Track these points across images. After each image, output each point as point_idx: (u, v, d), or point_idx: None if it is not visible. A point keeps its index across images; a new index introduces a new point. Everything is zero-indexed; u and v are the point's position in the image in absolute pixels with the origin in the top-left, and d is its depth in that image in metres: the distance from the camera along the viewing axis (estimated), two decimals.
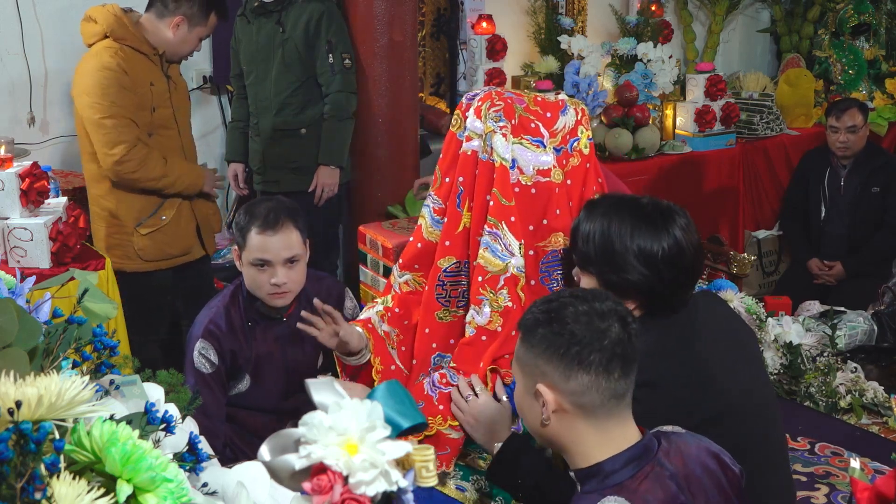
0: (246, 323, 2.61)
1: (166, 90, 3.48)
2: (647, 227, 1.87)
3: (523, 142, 2.00)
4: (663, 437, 1.58)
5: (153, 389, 1.22)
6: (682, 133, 5.21)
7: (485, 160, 2.00)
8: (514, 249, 1.96)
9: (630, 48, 5.18)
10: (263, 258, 2.50)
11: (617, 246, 1.86)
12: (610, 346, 1.49)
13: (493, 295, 1.96)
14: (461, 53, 5.05)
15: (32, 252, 3.06)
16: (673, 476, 1.51)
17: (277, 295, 2.54)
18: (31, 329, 1.14)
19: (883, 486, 1.38)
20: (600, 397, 1.49)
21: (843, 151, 4.64)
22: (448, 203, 2.07)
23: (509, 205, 1.97)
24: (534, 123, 2.02)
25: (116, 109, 3.29)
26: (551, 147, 2.02)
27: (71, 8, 4.02)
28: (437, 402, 1.99)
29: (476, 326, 1.98)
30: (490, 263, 1.96)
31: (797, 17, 6.16)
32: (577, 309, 1.51)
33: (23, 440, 0.87)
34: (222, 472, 1.16)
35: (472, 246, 2.03)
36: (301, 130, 3.99)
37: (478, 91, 2.09)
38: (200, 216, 3.63)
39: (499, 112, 1.99)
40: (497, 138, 1.97)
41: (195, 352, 2.54)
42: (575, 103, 2.10)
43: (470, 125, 2.03)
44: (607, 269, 1.86)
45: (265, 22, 3.97)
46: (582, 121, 2.08)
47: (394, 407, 1.08)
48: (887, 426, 2.91)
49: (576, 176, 2.05)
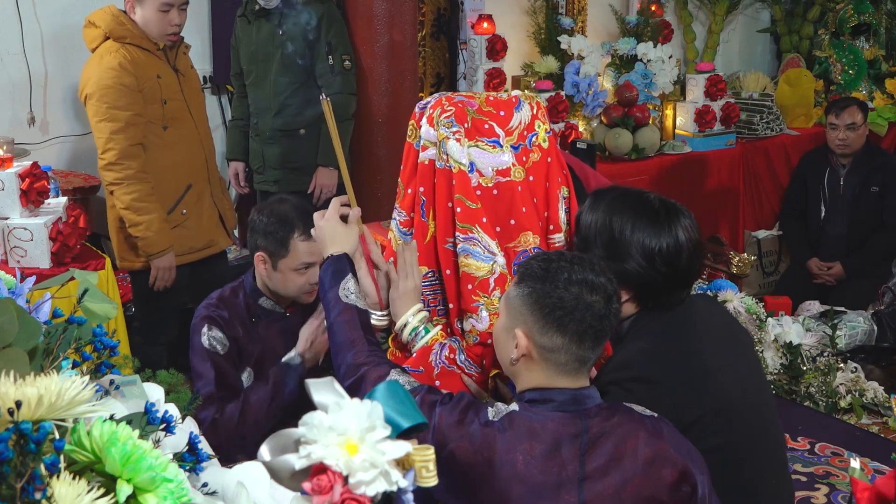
0: (249, 319, 2.63)
1: (175, 82, 3.47)
2: (649, 222, 1.89)
3: (479, 144, 1.98)
4: (613, 408, 1.63)
5: (153, 389, 1.22)
6: (682, 133, 5.21)
7: (441, 168, 1.99)
8: (493, 248, 1.95)
9: (630, 48, 5.19)
10: (310, 262, 2.55)
11: (617, 234, 1.89)
12: (589, 319, 1.59)
13: (488, 298, 1.95)
14: (461, 53, 5.05)
15: (32, 252, 3.06)
16: (584, 429, 1.58)
17: (312, 293, 2.60)
18: (31, 329, 1.14)
19: (883, 486, 1.38)
20: (566, 359, 1.62)
21: (843, 149, 4.65)
22: (414, 214, 2.06)
23: (477, 207, 1.95)
24: (487, 124, 2.00)
25: (115, 112, 3.28)
26: (508, 146, 2.00)
27: (71, 8, 4.02)
28: (437, 376, 1.98)
29: (478, 333, 1.97)
30: (476, 269, 1.95)
31: (797, 17, 6.16)
32: (570, 276, 1.61)
33: (23, 440, 0.87)
34: (222, 472, 1.16)
35: (439, 254, 2.02)
36: (300, 131, 4.00)
37: (429, 99, 2.07)
38: (221, 208, 3.65)
39: (450, 118, 1.98)
40: (451, 144, 1.96)
41: (203, 337, 2.54)
42: (529, 97, 2.07)
43: (424, 134, 2.02)
44: (606, 256, 1.88)
45: (265, 23, 3.98)
46: (538, 115, 2.05)
47: (394, 407, 1.08)
48: (887, 426, 2.91)
49: (537, 171, 2.03)
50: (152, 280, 3.42)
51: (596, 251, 1.90)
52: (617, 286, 1.67)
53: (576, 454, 1.57)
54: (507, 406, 1.64)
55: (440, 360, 1.97)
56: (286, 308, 2.66)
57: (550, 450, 1.57)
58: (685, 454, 1.62)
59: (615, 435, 1.59)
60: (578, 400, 1.62)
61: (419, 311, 2.00)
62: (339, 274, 1.90)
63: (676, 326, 1.92)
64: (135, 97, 3.31)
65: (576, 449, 1.57)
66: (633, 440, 1.59)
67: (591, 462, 1.57)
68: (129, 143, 3.30)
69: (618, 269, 1.84)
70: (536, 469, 1.56)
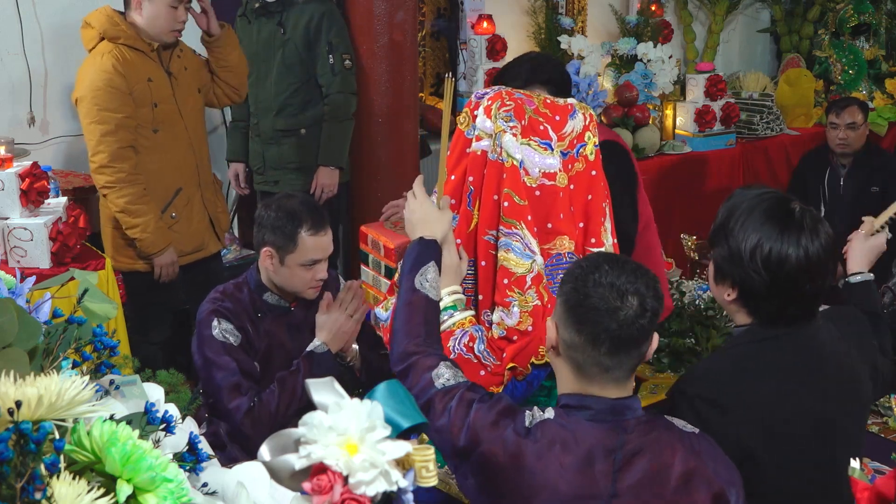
0: (255, 314, 2.64)
1: (167, 85, 3.46)
2: (773, 222, 1.80)
3: (531, 143, 1.99)
4: (652, 422, 1.59)
5: (153, 389, 1.22)
6: (682, 133, 5.21)
7: (494, 160, 1.99)
8: (534, 248, 1.96)
9: (630, 48, 5.19)
10: (317, 258, 2.57)
11: (733, 222, 1.82)
12: (608, 321, 1.53)
13: (522, 296, 1.95)
14: (461, 53, 5.05)
15: (32, 252, 3.06)
16: (620, 444, 1.54)
17: (316, 288, 2.62)
18: (31, 329, 1.14)
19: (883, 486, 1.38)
20: (584, 360, 1.57)
21: (843, 148, 4.64)
22: (460, 202, 2.06)
23: (524, 204, 1.96)
24: (543, 126, 2.01)
25: (104, 115, 3.26)
26: (558, 150, 2.01)
27: (71, 8, 4.02)
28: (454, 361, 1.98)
29: (506, 328, 1.97)
30: (515, 264, 1.95)
31: (797, 17, 6.17)
32: (601, 278, 1.56)
33: (23, 440, 0.87)
34: (222, 472, 1.16)
35: (478, 245, 2.02)
36: (301, 131, 4.00)
37: (487, 90, 2.07)
38: (212, 211, 3.64)
39: (509, 112, 1.98)
40: (507, 138, 1.97)
41: (214, 330, 2.53)
42: (583, 108, 2.08)
43: (480, 124, 2.02)
44: (713, 237, 1.86)
45: (266, 23, 3.98)
46: (589, 126, 2.06)
47: (394, 407, 1.08)
48: (887, 426, 2.91)
49: (579, 181, 2.04)
50: (157, 276, 3.43)
51: (717, 239, 1.86)
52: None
53: (609, 470, 1.54)
54: (543, 413, 1.60)
55: (459, 346, 1.96)
56: (290, 303, 2.68)
57: (583, 463, 1.54)
58: (723, 475, 1.58)
59: (651, 451, 1.55)
60: (617, 411, 1.58)
61: (454, 293, 1.98)
62: (421, 260, 1.87)
63: (776, 357, 1.83)
64: (125, 100, 3.30)
65: (609, 464, 1.54)
66: (668, 457, 1.55)
67: (624, 480, 1.54)
68: (119, 146, 3.28)
69: (716, 256, 1.84)
70: (566, 480, 1.53)
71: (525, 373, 1.97)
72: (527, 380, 1.98)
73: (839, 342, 1.90)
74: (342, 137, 3.99)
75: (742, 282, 1.81)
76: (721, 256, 1.85)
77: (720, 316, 3.25)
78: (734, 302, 1.85)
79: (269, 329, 2.65)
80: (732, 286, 1.84)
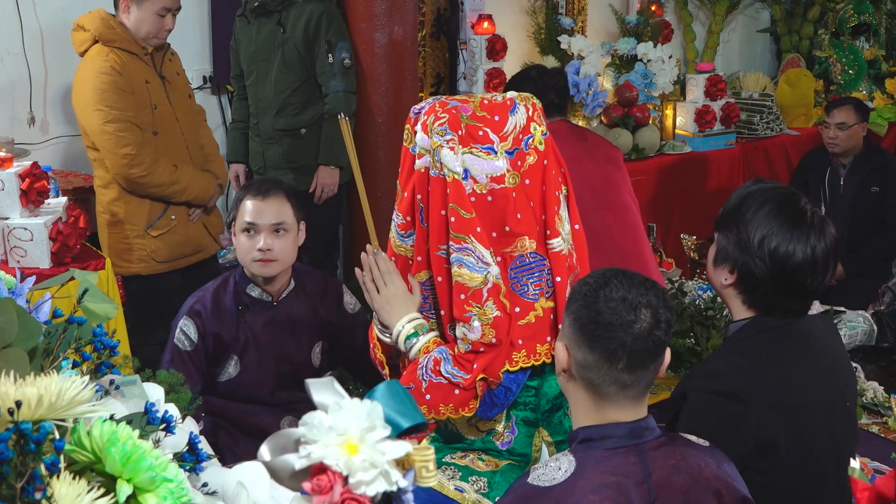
0: (236, 306, 2.66)
1: (162, 89, 3.48)
2: (783, 217, 1.83)
3: (473, 151, 1.96)
4: (671, 440, 1.58)
5: (153, 389, 1.22)
6: (682, 133, 5.21)
7: (435, 176, 1.97)
8: (487, 259, 1.93)
9: (630, 48, 5.18)
10: (252, 221, 2.58)
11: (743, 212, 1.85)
12: (622, 336, 1.52)
13: (481, 309, 1.93)
14: (461, 53, 5.05)
15: (32, 252, 3.06)
16: (647, 473, 1.51)
17: (263, 262, 2.60)
18: (31, 329, 1.14)
19: (883, 486, 1.38)
20: (601, 379, 1.54)
21: (833, 148, 4.64)
22: (413, 219, 2.05)
23: (471, 217, 1.94)
24: (482, 131, 1.97)
25: (117, 113, 3.30)
26: (503, 152, 1.98)
27: (71, 8, 4.01)
28: (426, 390, 1.97)
29: (470, 342, 1.96)
30: (469, 279, 1.93)
31: (797, 17, 6.16)
32: (610, 294, 1.54)
33: (23, 440, 0.87)
34: (222, 472, 1.16)
35: (431, 261, 2.01)
36: (301, 130, 4.00)
37: (423, 104, 2.05)
38: (206, 215, 3.67)
39: (444, 125, 1.96)
40: (445, 152, 1.94)
41: (177, 329, 2.63)
42: (524, 99, 2.04)
43: (419, 141, 2.00)
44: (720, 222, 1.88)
45: (265, 22, 3.98)
46: (534, 117, 2.02)
47: (394, 407, 1.08)
48: (887, 426, 2.91)
49: (534, 174, 2.00)
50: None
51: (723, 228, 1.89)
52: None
53: (646, 498, 1.50)
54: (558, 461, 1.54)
55: (427, 374, 1.97)
56: (274, 298, 2.69)
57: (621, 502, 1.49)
58: (741, 481, 1.60)
59: (682, 470, 1.53)
60: (636, 433, 1.55)
61: (413, 319, 2.00)
62: None
63: (781, 348, 1.86)
64: (130, 100, 3.33)
65: (645, 493, 1.50)
66: (702, 471, 1.54)
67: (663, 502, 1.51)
68: (136, 136, 3.34)
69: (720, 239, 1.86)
70: None
71: (497, 381, 1.96)
72: (503, 385, 1.97)
73: (830, 334, 1.97)
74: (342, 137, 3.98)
75: (743, 267, 1.85)
76: (727, 240, 1.87)
77: (720, 316, 3.25)
78: (731, 286, 1.88)
79: (250, 322, 2.68)
80: (731, 271, 1.87)
